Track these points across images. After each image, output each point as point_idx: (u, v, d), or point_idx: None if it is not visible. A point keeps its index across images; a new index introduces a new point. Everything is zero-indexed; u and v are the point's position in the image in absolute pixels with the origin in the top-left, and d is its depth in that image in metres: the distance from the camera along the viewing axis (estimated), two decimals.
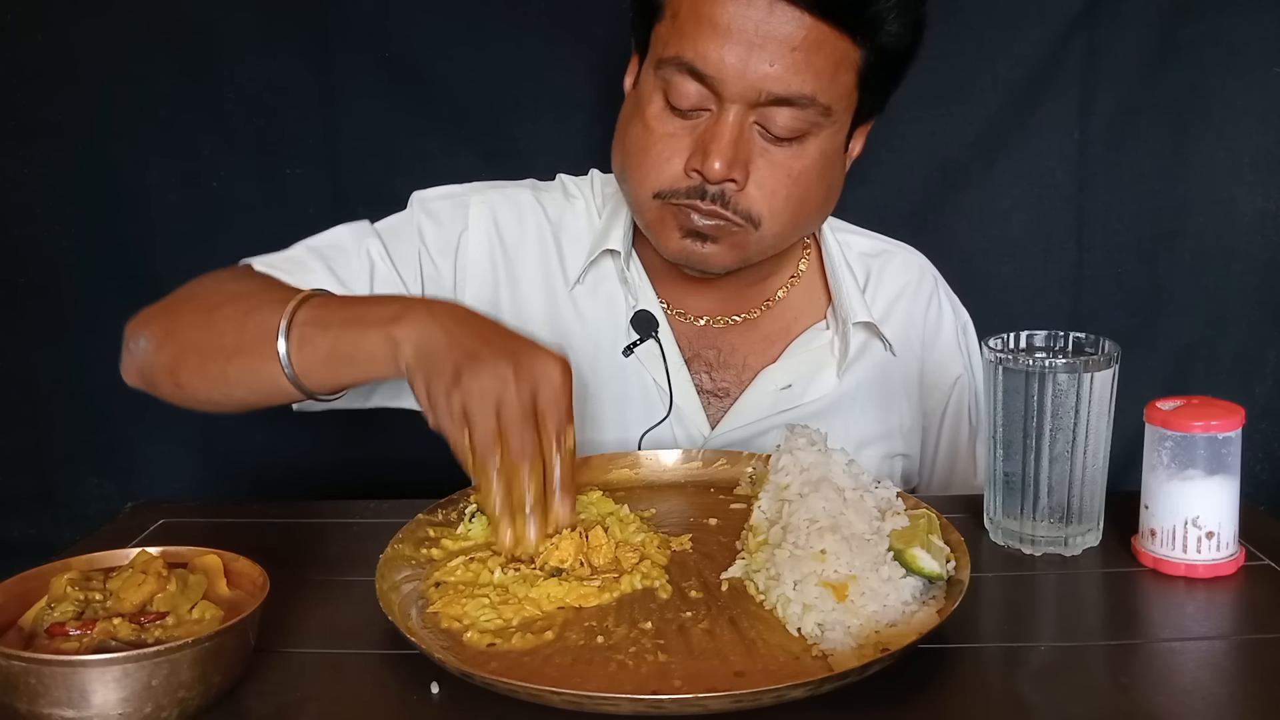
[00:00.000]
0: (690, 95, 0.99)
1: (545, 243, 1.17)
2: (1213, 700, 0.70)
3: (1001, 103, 1.48)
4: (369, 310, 0.88)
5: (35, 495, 1.56)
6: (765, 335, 1.18)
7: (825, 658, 0.72)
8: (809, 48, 0.96)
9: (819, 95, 0.98)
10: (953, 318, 1.25)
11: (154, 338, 0.98)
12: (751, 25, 0.95)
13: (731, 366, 1.17)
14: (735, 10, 0.95)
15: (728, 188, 1.00)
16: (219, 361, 0.93)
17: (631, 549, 0.86)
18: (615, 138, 1.08)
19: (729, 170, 0.99)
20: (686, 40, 0.97)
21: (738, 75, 0.96)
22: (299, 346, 0.88)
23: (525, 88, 1.48)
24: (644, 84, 1.04)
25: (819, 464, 0.88)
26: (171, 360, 0.96)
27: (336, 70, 1.47)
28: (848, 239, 1.23)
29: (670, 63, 0.99)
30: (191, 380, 0.96)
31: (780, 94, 0.97)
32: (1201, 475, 0.85)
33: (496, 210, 1.17)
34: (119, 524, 1.00)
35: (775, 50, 0.95)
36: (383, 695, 0.72)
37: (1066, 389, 0.87)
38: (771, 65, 0.96)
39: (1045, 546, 0.90)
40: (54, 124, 1.47)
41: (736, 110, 0.98)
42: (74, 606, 0.71)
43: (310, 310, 0.90)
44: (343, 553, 0.93)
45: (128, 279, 1.51)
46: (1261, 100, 1.46)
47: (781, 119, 0.99)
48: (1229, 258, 1.50)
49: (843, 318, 1.16)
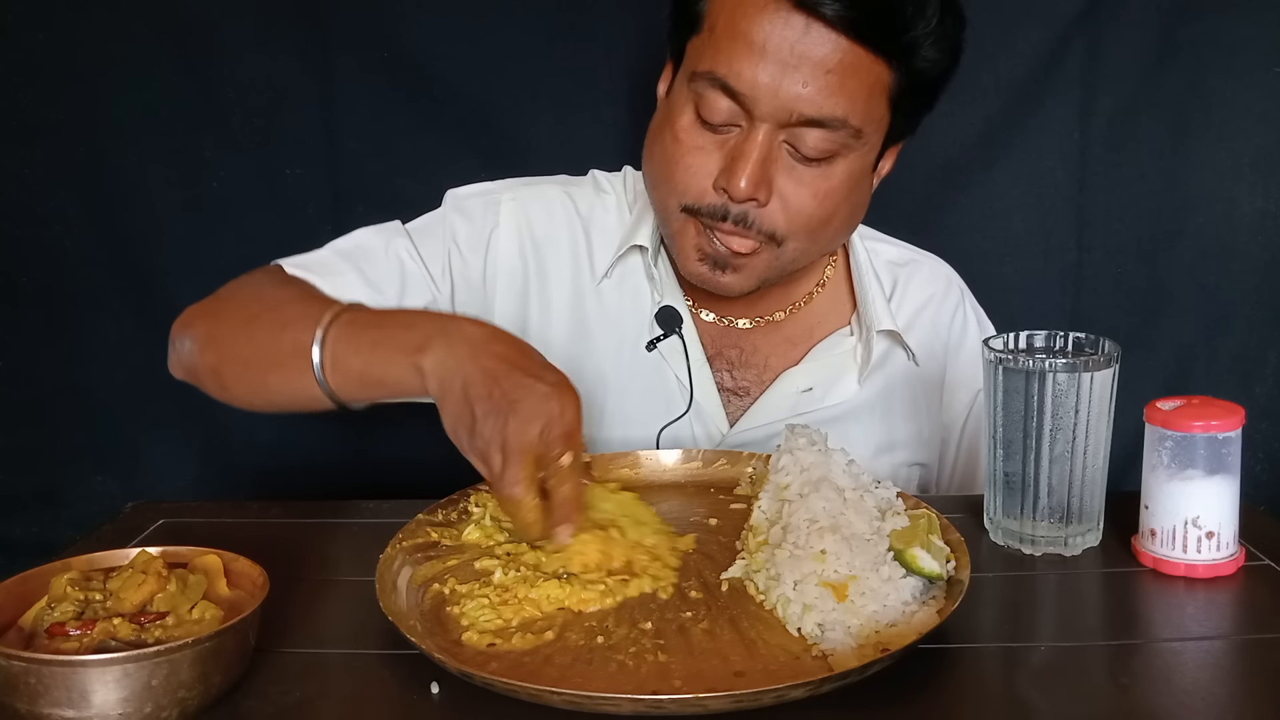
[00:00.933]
0: (722, 111, 0.98)
1: (576, 237, 1.18)
2: (1213, 700, 0.70)
3: (1001, 103, 1.48)
4: (396, 335, 0.88)
5: (37, 494, 1.56)
6: (788, 337, 1.19)
7: (825, 658, 0.72)
8: (844, 70, 0.95)
9: (851, 118, 0.98)
10: (977, 330, 1.25)
11: (197, 340, 1.00)
12: (787, 45, 0.94)
13: (753, 366, 1.18)
14: (771, 29, 0.95)
15: (750, 207, 1.00)
16: (259, 372, 0.95)
17: (644, 551, 0.86)
18: (646, 144, 1.09)
19: (754, 190, 0.98)
20: (721, 56, 0.97)
21: (770, 95, 0.96)
22: (333, 368, 0.88)
23: (525, 88, 1.48)
24: (677, 94, 1.03)
25: (819, 464, 0.88)
26: (214, 365, 0.98)
27: (336, 70, 1.47)
28: (876, 247, 1.23)
29: (704, 77, 0.98)
30: (235, 386, 0.98)
31: (812, 115, 0.97)
32: (1201, 475, 0.85)
33: (529, 206, 1.17)
34: (119, 524, 1.00)
35: (810, 71, 0.95)
36: (383, 695, 0.72)
37: (1066, 389, 0.87)
38: (805, 86, 0.95)
39: (1045, 546, 0.90)
40: (55, 124, 1.47)
41: (766, 129, 0.98)
42: (74, 606, 0.71)
43: (341, 329, 0.89)
44: (343, 553, 0.93)
45: (129, 278, 1.51)
46: (1261, 100, 1.46)
47: (811, 139, 0.98)
48: (1229, 258, 1.50)
49: (867, 325, 1.16)
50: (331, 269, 1.09)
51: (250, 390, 0.97)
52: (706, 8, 1.00)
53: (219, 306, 1.03)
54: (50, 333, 1.52)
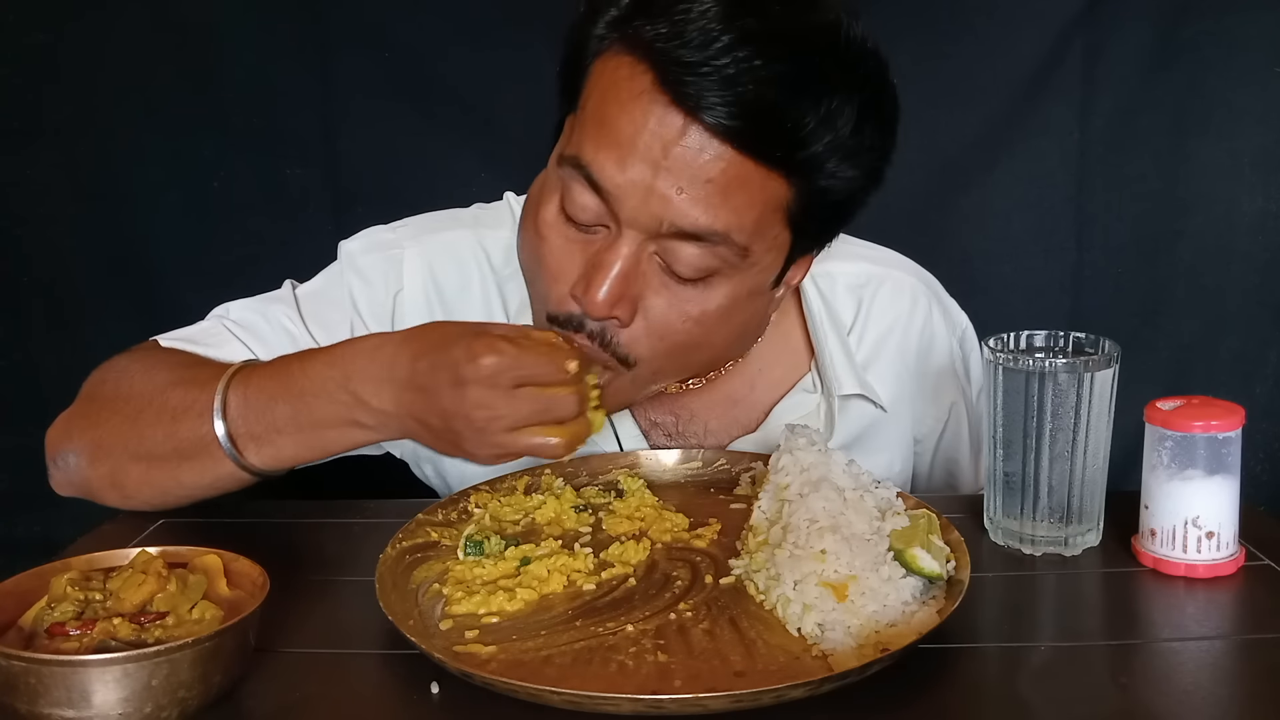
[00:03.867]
0: (588, 209, 0.85)
1: (490, 296, 1.06)
2: (1213, 700, 0.70)
3: (1001, 103, 1.48)
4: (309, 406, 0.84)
5: (38, 494, 1.56)
6: (727, 395, 1.07)
7: (825, 658, 0.72)
8: (727, 182, 0.81)
9: (734, 234, 0.83)
10: (947, 336, 1.14)
11: (83, 452, 0.92)
12: (659, 144, 0.80)
13: (693, 434, 1.07)
14: (643, 123, 0.80)
15: (610, 324, 0.87)
16: (166, 470, 0.89)
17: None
18: (519, 224, 0.95)
19: (611, 308, 0.85)
20: (588, 142, 0.84)
21: (637, 197, 0.82)
22: (251, 450, 0.86)
23: (525, 88, 1.48)
24: (548, 178, 0.90)
25: (819, 464, 0.88)
26: (110, 473, 0.91)
27: (336, 70, 1.47)
28: (833, 271, 1.08)
29: (569, 162, 0.85)
30: (140, 490, 0.92)
31: (685, 228, 0.82)
32: (1201, 475, 0.85)
33: (434, 262, 1.05)
34: (119, 524, 1.00)
35: (685, 177, 0.81)
36: (383, 695, 0.72)
37: (1066, 389, 0.87)
38: (680, 194, 0.81)
39: (1045, 546, 0.90)
40: (55, 124, 1.48)
41: (634, 237, 0.84)
42: (74, 606, 0.71)
43: (239, 411, 0.85)
44: (343, 553, 0.93)
45: (128, 278, 1.51)
46: (1261, 100, 1.46)
47: (686, 255, 0.84)
48: (1229, 258, 1.51)
49: (829, 389, 1.05)
50: (217, 339, 1.00)
51: (159, 490, 0.91)
52: (585, 83, 0.86)
53: (94, 410, 0.94)
54: (50, 331, 1.53)
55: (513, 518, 0.93)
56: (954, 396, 1.16)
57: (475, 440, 0.79)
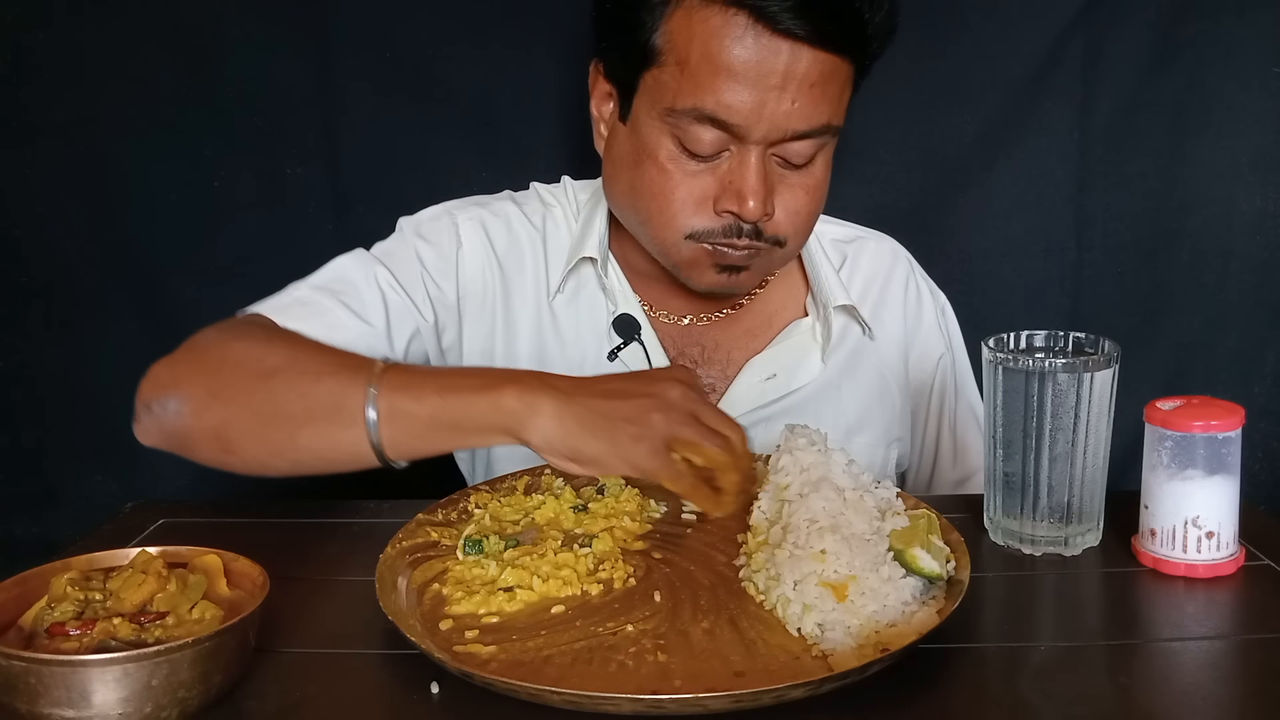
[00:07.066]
0: (709, 143, 0.99)
1: (536, 252, 1.18)
2: (1213, 700, 0.70)
3: (1001, 103, 1.48)
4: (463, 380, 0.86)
5: (37, 494, 1.56)
6: (748, 329, 1.20)
7: (825, 658, 0.72)
8: (823, 80, 0.98)
9: (833, 120, 1.01)
10: (931, 300, 1.27)
11: (191, 400, 0.90)
12: (770, 70, 0.96)
13: (716, 362, 1.18)
14: (753, 57, 0.95)
15: (762, 222, 1.03)
16: (285, 429, 0.88)
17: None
18: (618, 177, 1.08)
19: (763, 209, 1.01)
20: (704, 91, 0.97)
21: (763, 121, 0.97)
22: (390, 418, 0.84)
23: (525, 88, 1.49)
24: (645, 128, 1.03)
25: (819, 464, 0.88)
26: (220, 425, 0.90)
27: (336, 70, 1.47)
28: (821, 228, 1.23)
29: (686, 114, 0.98)
30: (247, 446, 0.90)
31: (803, 130, 0.99)
32: (1201, 475, 0.85)
33: (486, 224, 1.17)
34: (119, 524, 1.00)
35: (796, 90, 0.97)
36: (383, 695, 0.72)
37: (1066, 389, 0.87)
38: (794, 103, 0.97)
39: (1045, 546, 0.90)
40: (55, 123, 1.47)
41: (758, 150, 1.00)
42: (74, 606, 0.71)
43: (396, 378, 0.86)
44: (343, 553, 0.93)
45: (128, 278, 1.51)
46: (1261, 100, 1.46)
47: (799, 148, 1.01)
48: (1228, 258, 1.50)
49: (823, 303, 1.18)
50: (317, 308, 1.05)
51: (268, 449, 0.89)
52: (664, 41, 0.99)
53: (210, 361, 0.93)
54: (50, 333, 1.52)
55: (512, 518, 0.93)
56: (940, 350, 1.25)
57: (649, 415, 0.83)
